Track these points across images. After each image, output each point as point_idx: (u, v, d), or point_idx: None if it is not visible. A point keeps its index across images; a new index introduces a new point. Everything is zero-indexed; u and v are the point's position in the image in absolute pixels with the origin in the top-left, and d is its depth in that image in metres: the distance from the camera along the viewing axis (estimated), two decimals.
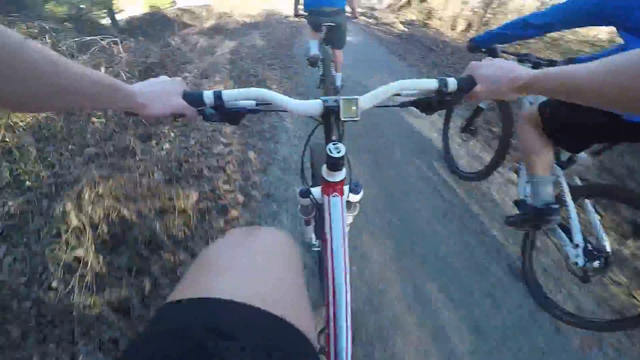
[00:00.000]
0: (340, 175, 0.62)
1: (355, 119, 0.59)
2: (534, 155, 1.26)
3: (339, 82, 3.06)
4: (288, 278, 0.48)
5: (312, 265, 1.41)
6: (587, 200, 1.26)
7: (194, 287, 0.41)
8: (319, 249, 1.04)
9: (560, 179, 1.29)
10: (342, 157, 0.59)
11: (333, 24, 2.68)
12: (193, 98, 0.58)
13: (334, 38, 2.78)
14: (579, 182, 1.33)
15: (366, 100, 0.60)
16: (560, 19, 1.16)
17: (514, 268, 1.54)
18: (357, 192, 0.72)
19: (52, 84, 0.35)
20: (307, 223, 0.94)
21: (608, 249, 1.18)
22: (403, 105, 0.68)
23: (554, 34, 4.60)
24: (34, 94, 0.34)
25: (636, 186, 1.98)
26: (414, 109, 0.67)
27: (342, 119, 0.60)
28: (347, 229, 0.72)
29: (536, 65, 1.32)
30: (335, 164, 0.59)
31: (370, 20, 8.23)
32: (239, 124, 0.64)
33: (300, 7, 2.86)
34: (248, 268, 0.46)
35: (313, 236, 1.03)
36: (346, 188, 0.69)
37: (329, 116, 0.61)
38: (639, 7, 0.96)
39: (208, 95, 0.59)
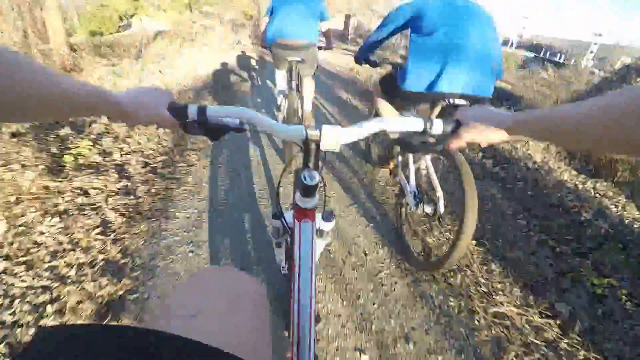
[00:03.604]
0: (313, 202, 0.63)
1: (335, 150, 0.59)
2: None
3: (308, 107, 2.65)
4: (252, 320, 0.47)
5: (279, 289, 1.44)
6: (427, 156, 1.54)
7: (155, 325, 0.39)
8: (287, 272, 1.04)
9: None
10: (316, 185, 0.60)
11: (299, 60, 2.39)
12: (177, 110, 0.59)
13: (302, 69, 2.46)
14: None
15: (349, 132, 0.60)
16: (386, 28, 1.60)
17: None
18: (329, 220, 0.73)
19: (38, 93, 0.34)
20: (278, 245, 0.94)
21: (438, 194, 1.43)
22: (386, 141, 0.70)
23: None
24: (20, 104, 0.33)
25: None
26: None
27: (322, 149, 0.60)
28: (317, 256, 0.72)
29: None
30: (308, 191, 0.61)
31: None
32: (219, 140, 0.64)
33: None
34: (211, 311, 0.44)
35: (283, 259, 1.03)
36: (319, 215, 0.71)
37: (309, 144, 0.61)
38: (425, 15, 1.40)
39: (192, 109, 0.59)
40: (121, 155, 2.35)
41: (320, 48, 2.62)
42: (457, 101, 1.43)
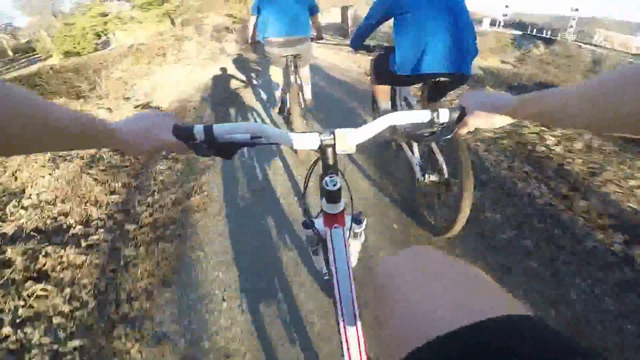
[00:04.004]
0: (339, 207, 0.64)
1: (351, 152, 0.59)
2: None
3: (308, 95, 2.74)
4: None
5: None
6: None
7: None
8: (328, 277, 0.96)
9: None
10: (339, 189, 0.61)
11: (295, 55, 2.36)
12: (183, 133, 0.56)
13: (298, 62, 2.45)
14: None
15: (361, 133, 0.60)
16: (373, 16, 1.66)
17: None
18: (359, 222, 0.73)
19: (36, 125, 0.33)
20: (315, 253, 0.91)
21: (441, 161, 1.53)
22: (397, 137, 0.72)
23: None
24: (19, 137, 0.32)
25: None
26: None
27: (338, 152, 0.60)
28: (354, 258, 0.85)
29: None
30: (332, 197, 0.62)
31: None
32: (232, 158, 0.62)
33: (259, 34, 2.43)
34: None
35: (323, 266, 0.98)
36: (348, 218, 0.72)
37: (325, 149, 0.61)
38: (402, 1, 1.50)
39: (199, 130, 0.57)
40: None
41: (312, 39, 2.57)
42: (442, 79, 1.52)
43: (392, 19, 1.58)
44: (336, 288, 0.56)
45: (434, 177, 1.58)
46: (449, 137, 0.66)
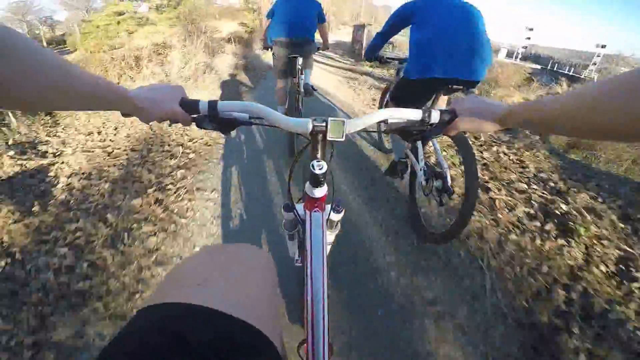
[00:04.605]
0: (322, 191, 0.66)
1: (341, 139, 0.61)
2: None
3: (308, 80, 2.74)
4: (259, 289, 0.49)
5: (293, 280, 1.37)
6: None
7: (164, 296, 0.42)
8: (300, 264, 1.03)
9: None
10: (324, 173, 0.63)
11: (298, 55, 2.51)
12: (189, 106, 0.60)
13: (302, 61, 2.60)
14: None
15: (353, 124, 0.62)
16: (391, 26, 1.78)
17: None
18: (338, 211, 0.75)
19: (63, 88, 0.36)
20: (291, 238, 0.95)
21: (445, 169, 1.50)
22: (386, 131, 0.73)
23: None
24: (42, 95, 0.34)
25: None
26: None
27: (329, 139, 0.61)
28: (328, 247, 0.86)
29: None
30: (317, 180, 0.64)
31: None
32: (229, 133, 0.65)
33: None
34: (219, 279, 0.46)
35: (296, 251, 1.03)
36: (328, 206, 0.75)
37: (317, 135, 0.63)
38: (420, 12, 1.59)
39: (203, 104, 0.61)
40: None
41: (318, 49, 2.73)
42: (455, 85, 1.57)
43: (409, 28, 1.68)
44: (309, 270, 0.59)
45: (437, 184, 1.59)
46: (435, 137, 0.67)
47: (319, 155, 0.64)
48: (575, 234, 1.65)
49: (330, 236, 0.84)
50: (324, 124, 0.60)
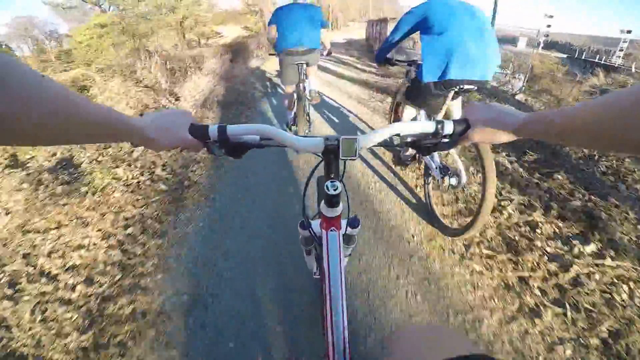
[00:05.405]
0: (337, 210, 0.67)
1: (354, 158, 0.60)
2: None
3: (314, 87, 2.95)
4: None
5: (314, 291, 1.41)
6: None
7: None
8: (318, 276, 1.06)
9: None
10: (339, 194, 0.63)
11: (304, 62, 2.72)
12: (199, 132, 0.59)
13: (307, 67, 2.80)
14: None
15: (366, 140, 0.61)
16: (402, 31, 1.79)
17: None
18: (355, 226, 0.76)
19: (67, 120, 0.35)
20: (308, 253, 0.97)
21: (459, 166, 1.66)
22: (400, 145, 0.70)
23: None
24: (49, 129, 0.33)
25: None
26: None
27: (341, 158, 0.61)
28: (345, 260, 0.88)
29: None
30: (332, 201, 0.64)
31: None
32: (241, 157, 0.65)
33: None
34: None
35: (314, 265, 1.07)
36: (344, 222, 0.76)
37: (329, 154, 0.63)
38: (430, 17, 1.62)
39: (213, 130, 0.60)
40: None
41: (321, 54, 2.92)
42: (466, 86, 1.63)
43: (419, 32, 1.71)
44: (327, 288, 0.62)
45: (453, 181, 1.67)
46: (448, 150, 0.69)
47: (332, 175, 0.65)
48: None
49: (347, 250, 0.85)
50: (336, 143, 0.60)
